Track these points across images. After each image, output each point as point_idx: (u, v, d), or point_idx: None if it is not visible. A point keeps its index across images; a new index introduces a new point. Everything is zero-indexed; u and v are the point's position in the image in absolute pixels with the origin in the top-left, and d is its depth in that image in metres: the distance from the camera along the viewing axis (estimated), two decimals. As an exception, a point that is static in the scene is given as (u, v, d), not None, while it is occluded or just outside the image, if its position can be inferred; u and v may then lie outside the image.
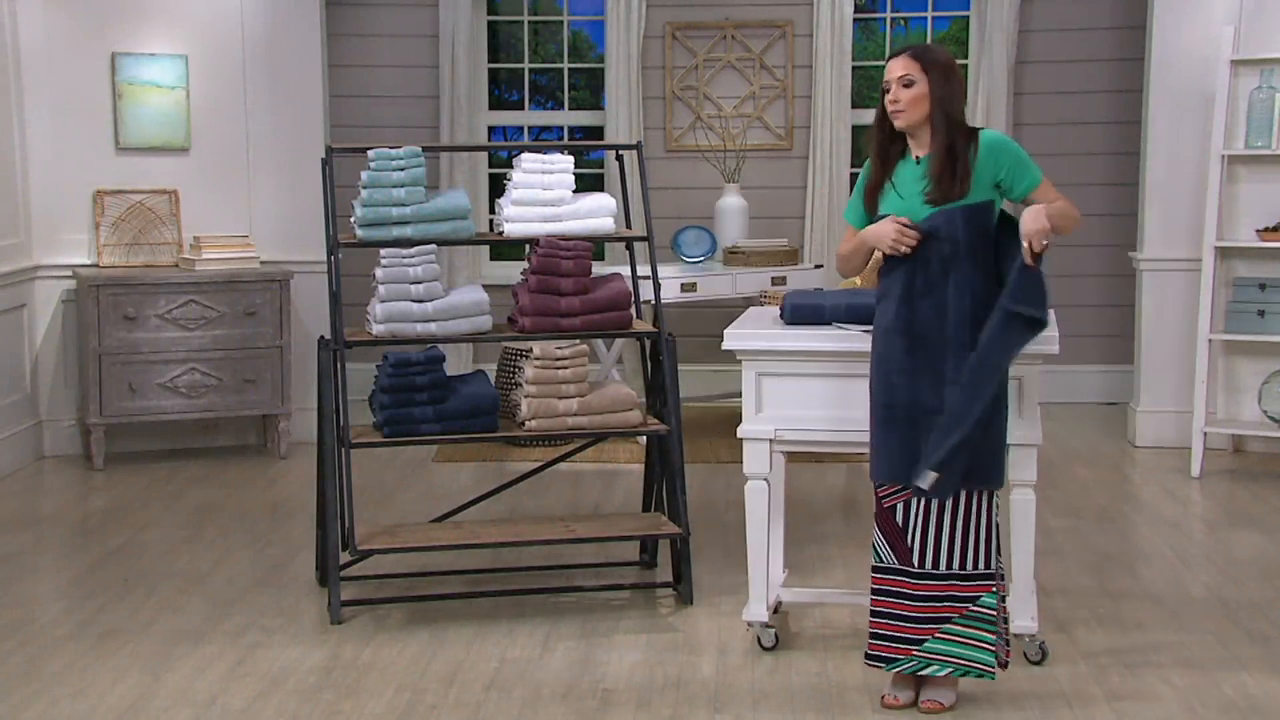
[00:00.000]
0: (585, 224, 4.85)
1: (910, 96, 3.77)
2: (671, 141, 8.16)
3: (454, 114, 8.03)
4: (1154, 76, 6.92)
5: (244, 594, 4.84)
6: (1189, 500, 6.10)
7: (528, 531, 4.79)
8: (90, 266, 6.82)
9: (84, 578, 5.05)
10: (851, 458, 6.66)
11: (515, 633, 4.45)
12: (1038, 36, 7.97)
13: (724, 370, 7.52)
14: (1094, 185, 7.98)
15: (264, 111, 7.01)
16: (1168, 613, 4.62)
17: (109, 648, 4.33)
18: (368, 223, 4.70)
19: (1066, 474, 6.49)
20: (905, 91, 3.77)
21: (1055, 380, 7.68)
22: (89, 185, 6.84)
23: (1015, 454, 4.03)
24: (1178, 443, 6.82)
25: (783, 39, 8.11)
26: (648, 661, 4.22)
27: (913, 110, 3.78)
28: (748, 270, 7.22)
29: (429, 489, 6.28)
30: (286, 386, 6.81)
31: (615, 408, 4.80)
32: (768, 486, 4.22)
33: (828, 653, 4.26)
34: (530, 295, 4.71)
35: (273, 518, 5.83)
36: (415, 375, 4.64)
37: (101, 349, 6.55)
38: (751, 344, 4.16)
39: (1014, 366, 3.87)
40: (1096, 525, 5.66)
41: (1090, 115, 7.98)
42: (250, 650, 4.31)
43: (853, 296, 4.21)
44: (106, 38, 6.82)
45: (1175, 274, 6.92)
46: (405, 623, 4.55)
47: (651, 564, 5.09)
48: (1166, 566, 5.13)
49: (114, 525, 5.70)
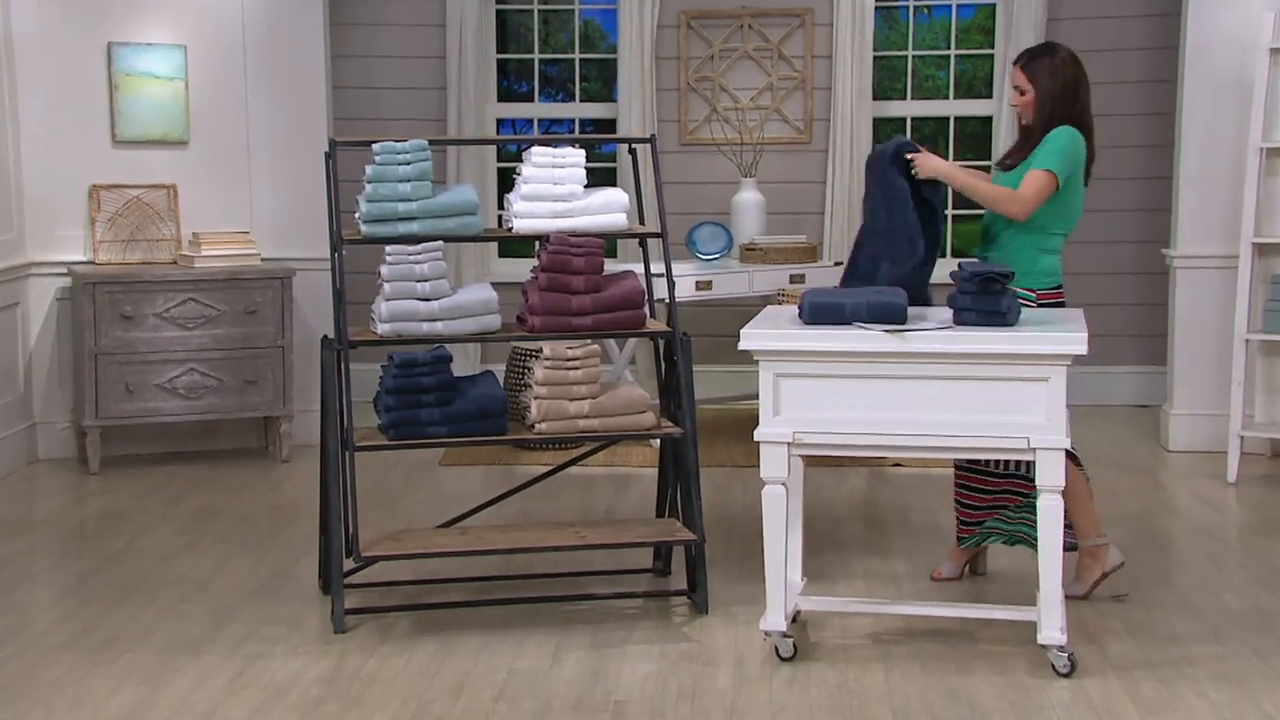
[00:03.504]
0: (597, 220, 4.86)
1: (1024, 103, 4.77)
2: (686, 135, 8.17)
3: (461, 106, 8.05)
4: (1189, 65, 6.91)
5: (244, 602, 4.86)
6: (1225, 507, 6.09)
7: (538, 537, 4.80)
8: (86, 264, 6.85)
9: (80, 585, 5.08)
10: (872, 461, 6.66)
11: (525, 642, 4.47)
12: (1066, 25, 7.96)
13: (740, 371, 7.52)
14: (1126, 179, 7.98)
15: (265, 103, 7.03)
16: (1203, 624, 4.62)
17: (106, 657, 4.35)
18: (372, 218, 4.72)
19: (1097, 479, 6.45)
20: (1021, 99, 4.77)
21: (1085, 382, 7.67)
22: (84, 180, 6.87)
23: (1042, 458, 4.04)
24: (1213, 447, 6.80)
25: (802, 28, 8.11)
26: (661, 673, 4.23)
27: (1028, 114, 4.78)
28: (765, 268, 7.23)
29: (435, 493, 6.30)
30: (289, 388, 6.84)
31: (628, 410, 4.81)
32: (786, 491, 4.22)
33: (848, 664, 4.27)
34: (540, 294, 4.72)
35: (274, 523, 5.85)
36: (421, 376, 4.66)
37: (97, 349, 6.58)
38: (769, 344, 4.17)
39: (1040, 367, 3.97)
40: (1128, 532, 5.65)
41: (1122, 106, 7.97)
42: (251, 660, 4.33)
43: (874, 295, 4.22)
44: (102, 27, 6.85)
45: (1211, 271, 6.91)
46: (411, 632, 4.57)
47: (665, 571, 5.10)
48: (1201, 576, 5.13)
49: (110, 531, 5.73)
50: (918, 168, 4.68)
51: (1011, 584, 4.97)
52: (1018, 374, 4.07)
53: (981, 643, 4.42)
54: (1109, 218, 8.01)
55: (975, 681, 4.14)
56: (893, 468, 6.67)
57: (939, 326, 4.16)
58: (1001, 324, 4.16)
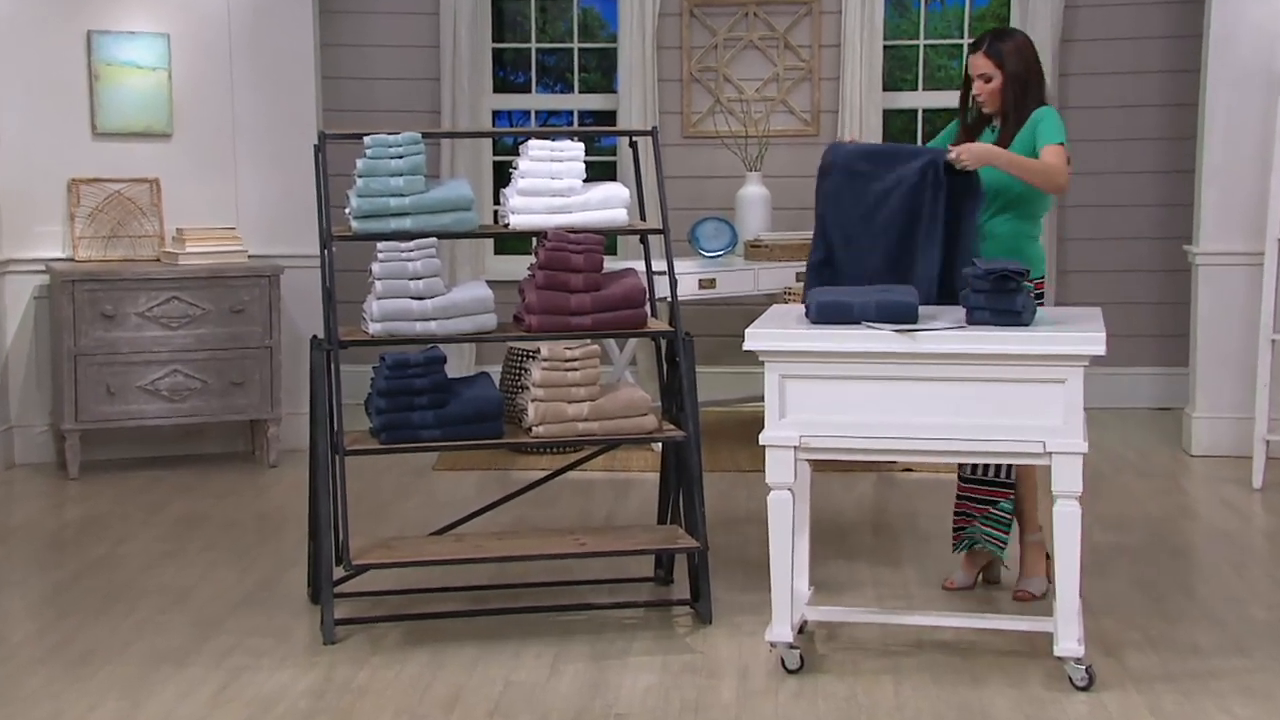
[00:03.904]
0: (596, 216, 4.86)
1: (990, 90, 4.79)
2: (689, 127, 8.18)
3: (456, 97, 8.06)
4: (1213, 54, 6.91)
5: (230, 613, 4.86)
6: (1250, 513, 6.09)
7: (535, 545, 4.80)
8: (65, 261, 6.86)
9: (58, 595, 5.08)
10: (882, 466, 6.66)
11: (521, 654, 4.47)
12: (1084, 12, 7.96)
13: (745, 372, 7.51)
14: (1146, 173, 7.98)
15: (252, 94, 7.04)
16: (1227, 636, 4.62)
17: (85, 670, 4.36)
18: (364, 214, 4.72)
19: (1116, 485, 6.49)
20: (986, 86, 4.78)
21: (1103, 384, 7.66)
22: (63, 173, 6.87)
23: (1059, 463, 4.04)
24: (1237, 451, 6.80)
25: (809, 16, 8.12)
26: (663, 685, 4.23)
27: (993, 101, 4.82)
28: (770, 265, 7.23)
29: (429, 499, 6.30)
30: (276, 390, 6.84)
31: (629, 412, 4.81)
32: (792, 497, 4.23)
33: (856, 676, 4.27)
34: (537, 292, 4.73)
35: (261, 530, 5.86)
36: (414, 377, 4.66)
37: (77, 349, 6.58)
38: (775, 344, 4.17)
39: (1056, 369, 4.01)
40: (1149, 540, 5.65)
41: (1143, 97, 7.97)
42: (236, 673, 4.33)
43: (883, 294, 4.22)
44: (81, 14, 6.86)
45: (1235, 269, 6.91)
46: (403, 643, 4.57)
47: (667, 580, 5.10)
48: (1225, 585, 5.13)
49: (90, 539, 5.73)
50: (965, 159, 4.56)
51: (1027, 594, 4.98)
52: (1033, 375, 4.07)
53: (995, 654, 4.42)
54: (1128, 213, 8.02)
55: (989, 695, 4.14)
56: (903, 473, 6.67)
57: (951, 326, 4.16)
58: (1016, 323, 4.16)
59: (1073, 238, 8.01)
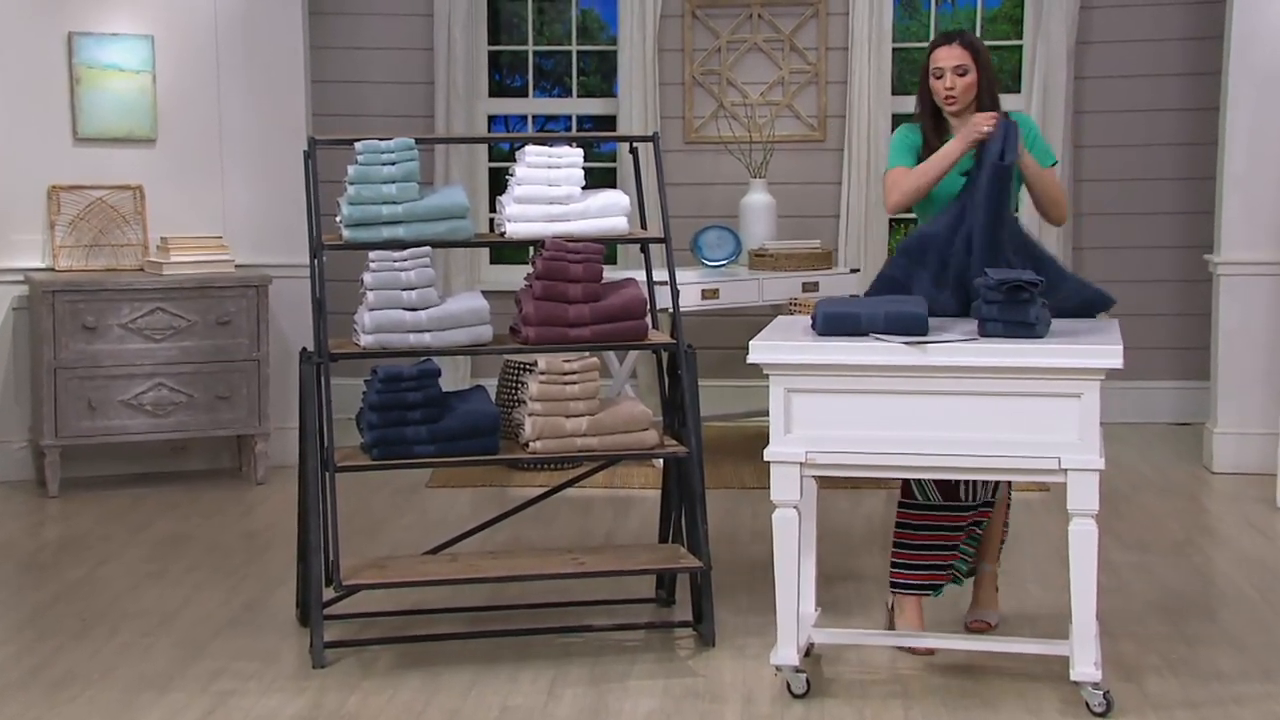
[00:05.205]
0: (596, 224, 4.88)
1: (965, 85, 4.56)
2: (691, 132, 8.20)
3: (450, 102, 8.08)
4: (1235, 56, 6.94)
5: (216, 635, 4.87)
6: (1274, 533, 6.10)
7: (532, 565, 4.81)
8: (45, 270, 6.87)
9: (36, 617, 5.09)
10: (890, 484, 6.67)
11: (518, 677, 4.48)
12: (1101, 13, 7.99)
13: (749, 386, 7.53)
14: (1165, 180, 8.00)
15: (239, 98, 7.06)
16: (1251, 660, 4.63)
17: (65, 695, 4.36)
18: (355, 222, 4.73)
19: (1134, 503, 6.50)
20: (961, 80, 4.55)
21: (1121, 398, 7.68)
22: (43, 180, 6.89)
23: (1074, 480, 4.05)
24: (1261, 468, 6.81)
25: (815, 18, 8.15)
26: (664, 709, 4.24)
27: (965, 97, 4.59)
28: (776, 275, 7.25)
29: (422, 517, 6.31)
30: (264, 404, 6.86)
31: (629, 427, 4.82)
32: (798, 515, 4.24)
33: (865, 700, 4.28)
34: (535, 303, 4.74)
35: (248, 550, 5.86)
36: (407, 391, 4.67)
37: (57, 362, 6.60)
38: (779, 357, 4.19)
39: (1072, 382, 4.01)
40: (1169, 561, 5.66)
41: (1161, 101, 7.99)
42: (222, 698, 4.34)
43: (892, 305, 4.24)
44: (62, 15, 6.88)
45: (1258, 279, 6.93)
46: (395, 666, 4.58)
47: (669, 601, 5.11)
48: (1249, 608, 5.13)
49: (70, 559, 5.74)
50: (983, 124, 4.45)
51: (1041, 617, 4.98)
52: (1048, 389, 4.08)
53: (1009, 678, 4.43)
54: (1146, 221, 8.04)
55: (1003, 720, 4.15)
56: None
57: (962, 338, 4.17)
58: (1030, 335, 4.17)
59: (1089, 246, 8.04)
